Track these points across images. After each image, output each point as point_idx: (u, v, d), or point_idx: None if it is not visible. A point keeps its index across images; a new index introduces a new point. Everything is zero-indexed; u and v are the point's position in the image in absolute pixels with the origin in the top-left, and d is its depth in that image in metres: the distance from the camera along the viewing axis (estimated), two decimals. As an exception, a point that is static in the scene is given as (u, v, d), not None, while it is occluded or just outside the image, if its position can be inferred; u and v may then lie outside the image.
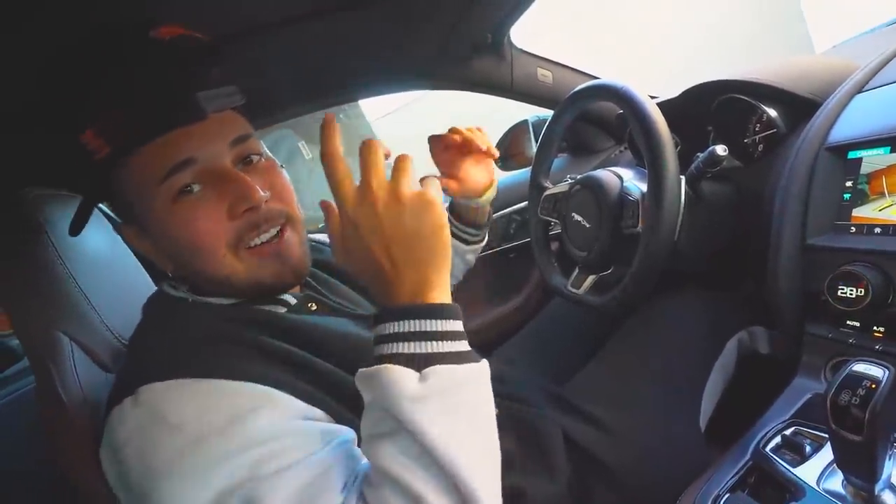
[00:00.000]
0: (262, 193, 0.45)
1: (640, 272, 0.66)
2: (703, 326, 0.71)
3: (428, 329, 0.36)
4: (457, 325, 0.38)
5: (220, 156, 0.46)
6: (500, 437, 0.60)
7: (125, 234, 0.50)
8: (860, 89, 0.62)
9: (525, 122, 1.24)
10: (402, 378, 0.34)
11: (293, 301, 0.53)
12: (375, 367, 0.35)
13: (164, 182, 0.43)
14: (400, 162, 0.37)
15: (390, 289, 0.37)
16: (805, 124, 0.62)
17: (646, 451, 0.61)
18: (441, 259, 0.37)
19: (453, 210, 0.80)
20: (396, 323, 0.36)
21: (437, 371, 0.35)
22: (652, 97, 0.82)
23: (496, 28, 0.97)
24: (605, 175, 0.76)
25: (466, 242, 0.84)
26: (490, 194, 0.78)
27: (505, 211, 1.25)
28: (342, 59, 0.94)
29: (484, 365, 0.39)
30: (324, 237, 0.74)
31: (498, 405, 0.40)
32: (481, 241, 0.86)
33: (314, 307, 0.55)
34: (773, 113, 0.69)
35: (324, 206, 0.39)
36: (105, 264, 0.62)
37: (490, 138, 0.76)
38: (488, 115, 1.23)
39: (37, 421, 0.48)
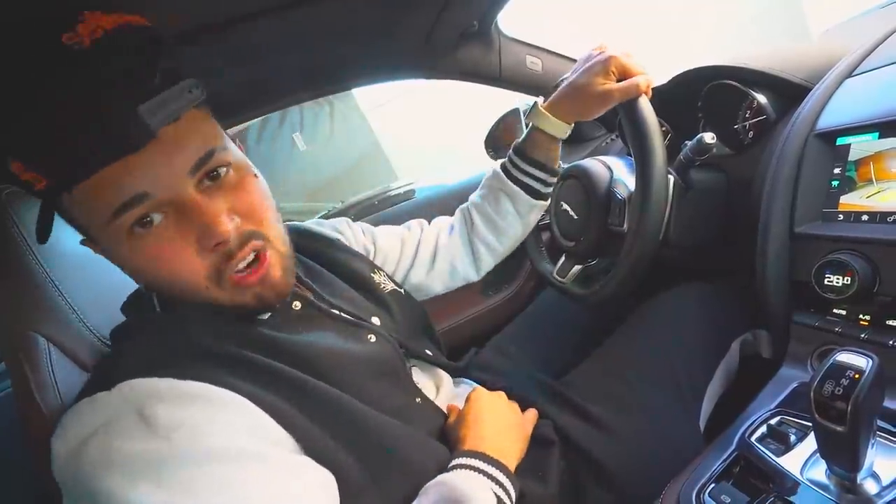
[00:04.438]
0: (228, 225, 0.41)
1: (621, 274, 0.65)
2: (707, 328, 0.69)
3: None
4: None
5: (179, 183, 0.39)
6: None
7: (91, 248, 0.45)
8: (850, 74, 0.60)
9: (516, 109, 1.22)
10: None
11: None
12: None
13: (114, 220, 0.38)
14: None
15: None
16: (795, 110, 0.62)
17: (645, 453, 0.59)
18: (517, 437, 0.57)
19: (519, 150, 0.72)
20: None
21: None
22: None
23: (483, 15, 0.95)
24: (595, 166, 0.75)
25: (535, 194, 0.71)
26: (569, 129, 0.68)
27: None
28: (332, 46, 0.92)
29: None
30: (331, 232, 0.71)
31: None
32: (547, 197, 0.74)
33: (299, 306, 0.53)
34: (763, 99, 0.68)
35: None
36: (84, 261, 0.60)
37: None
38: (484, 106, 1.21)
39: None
